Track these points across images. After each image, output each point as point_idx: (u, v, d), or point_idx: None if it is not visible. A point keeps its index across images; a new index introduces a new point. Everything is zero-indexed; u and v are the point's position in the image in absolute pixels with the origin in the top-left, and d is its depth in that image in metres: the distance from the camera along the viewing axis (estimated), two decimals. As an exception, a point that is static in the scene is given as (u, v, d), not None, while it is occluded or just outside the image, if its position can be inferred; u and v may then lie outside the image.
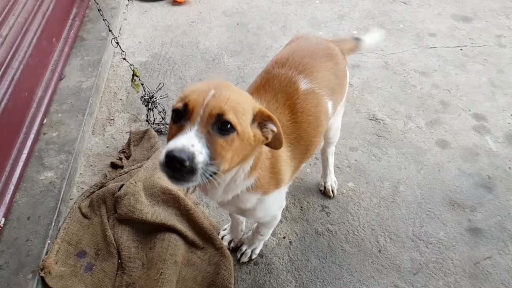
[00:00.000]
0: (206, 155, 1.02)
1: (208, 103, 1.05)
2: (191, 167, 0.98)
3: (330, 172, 2.21)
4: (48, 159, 2.22)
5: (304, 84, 1.49)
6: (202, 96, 1.07)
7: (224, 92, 1.09)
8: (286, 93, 1.46)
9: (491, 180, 2.31)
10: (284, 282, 1.88)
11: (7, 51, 2.23)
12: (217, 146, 1.05)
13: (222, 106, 1.05)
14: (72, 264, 1.86)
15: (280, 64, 1.54)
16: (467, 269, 1.94)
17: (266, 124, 1.18)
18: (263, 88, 1.48)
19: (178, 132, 1.05)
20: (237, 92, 1.14)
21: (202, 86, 1.11)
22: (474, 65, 3.08)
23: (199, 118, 1.04)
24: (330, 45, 1.71)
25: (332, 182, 2.22)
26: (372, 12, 3.68)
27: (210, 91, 1.08)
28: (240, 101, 1.11)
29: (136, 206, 1.94)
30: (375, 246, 2.02)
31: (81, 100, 2.56)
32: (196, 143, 1.00)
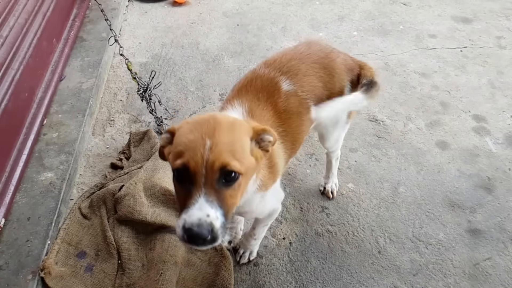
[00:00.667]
0: (221, 216, 1.04)
1: (208, 159, 1.03)
2: (213, 237, 1.01)
3: (333, 175, 2.21)
4: (48, 160, 2.23)
5: (286, 85, 1.50)
6: (199, 152, 1.04)
7: (219, 138, 1.06)
8: (267, 92, 1.47)
9: (491, 181, 2.32)
10: (284, 283, 1.89)
11: (7, 51, 2.24)
12: (227, 199, 1.07)
13: (222, 158, 1.04)
14: (72, 264, 1.87)
15: (266, 65, 1.56)
16: (466, 270, 1.94)
17: (263, 137, 1.19)
18: (245, 88, 1.50)
19: (186, 198, 1.06)
20: (231, 128, 1.11)
21: (195, 137, 1.06)
22: (474, 66, 3.09)
23: (203, 179, 1.04)
24: (331, 56, 1.66)
25: (333, 184, 2.23)
26: (372, 13, 3.69)
27: (205, 143, 1.04)
28: (236, 139, 1.10)
29: (136, 206, 1.95)
30: (375, 247, 2.03)
31: (81, 100, 2.57)
32: (210, 210, 1.02)
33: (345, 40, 3.38)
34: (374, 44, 3.33)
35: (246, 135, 1.14)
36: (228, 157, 1.05)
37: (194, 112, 2.72)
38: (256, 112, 1.43)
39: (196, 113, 2.72)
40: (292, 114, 1.49)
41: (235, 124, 1.15)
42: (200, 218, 1.00)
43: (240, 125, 1.16)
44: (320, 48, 1.68)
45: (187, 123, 1.14)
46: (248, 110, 1.43)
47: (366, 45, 3.32)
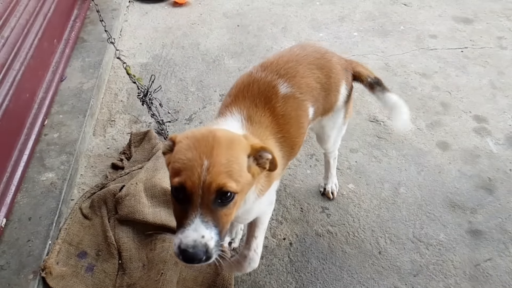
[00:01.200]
0: (216, 235, 1.07)
1: (205, 180, 1.05)
2: (208, 256, 1.06)
3: (332, 175, 2.21)
4: (49, 160, 2.24)
5: (284, 88, 1.49)
6: (196, 173, 1.05)
7: (217, 158, 1.08)
8: (265, 97, 1.47)
9: (491, 182, 2.33)
10: (285, 283, 1.90)
11: (8, 52, 2.25)
12: (222, 218, 1.10)
13: (219, 181, 1.06)
14: (73, 264, 1.88)
15: (262, 68, 1.55)
16: (467, 271, 1.95)
17: (262, 155, 1.20)
18: (242, 93, 1.49)
19: (182, 216, 1.09)
20: (229, 146, 1.12)
21: (193, 156, 1.08)
22: (474, 67, 3.10)
23: (200, 199, 1.06)
24: (327, 56, 1.68)
25: (333, 184, 2.23)
26: (373, 13, 3.70)
27: (203, 163, 1.06)
28: (234, 158, 1.11)
29: (137, 207, 1.96)
30: (375, 247, 2.04)
31: (82, 101, 2.58)
32: (205, 231, 1.05)
33: (346, 40, 3.39)
34: (375, 44, 3.34)
35: (244, 153, 1.15)
36: (225, 178, 1.07)
37: (195, 113, 2.74)
38: (255, 119, 1.43)
39: (196, 114, 2.73)
40: (291, 118, 1.50)
41: (234, 142, 1.15)
42: (195, 239, 1.04)
43: (238, 143, 1.16)
44: (315, 49, 1.69)
45: (186, 138, 1.15)
46: (247, 117, 1.43)
47: (366, 45, 3.33)
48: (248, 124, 1.41)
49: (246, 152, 1.16)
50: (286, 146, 1.51)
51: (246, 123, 1.41)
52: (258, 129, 1.41)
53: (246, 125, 1.41)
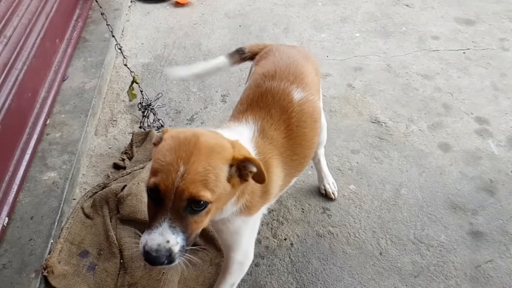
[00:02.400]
0: (182, 240, 1.09)
1: (178, 187, 1.05)
2: (170, 260, 1.08)
3: (326, 174, 2.21)
4: (51, 160, 2.26)
5: (298, 94, 1.51)
6: (171, 178, 1.06)
7: (193, 166, 1.07)
8: (280, 107, 1.47)
9: (493, 183, 2.34)
10: (285, 283, 1.91)
11: (11, 51, 2.28)
12: (191, 225, 1.11)
13: (192, 189, 1.06)
14: (75, 263, 1.90)
15: (269, 77, 1.54)
16: (468, 272, 1.96)
17: (245, 166, 1.18)
18: (257, 104, 1.49)
19: (153, 216, 1.11)
20: (209, 154, 1.11)
21: (171, 159, 1.08)
22: (477, 68, 3.12)
23: (171, 204, 1.07)
24: (298, 46, 1.82)
25: (331, 183, 2.23)
26: (375, 14, 3.72)
27: (179, 169, 1.06)
28: (212, 166, 1.10)
29: (139, 206, 1.98)
30: (376, 248, 2.05)
31: (84, 101, 2.60)
32: (171, 236, 1.07)
33: (347, 41, 3.41)
34: (377, 45, 3.36)
35: (224, 162, 1.13)
36: (198, 187, 1.07)
37: (196, 113, 2.76)
38: (268, 133, 1.42)
39: (198, 114, 2.75)
40: (305, 128, 1.50)
41: (215, 149, 1.13)
42: (159, 243, 1.06)
43: (220, 151, 1.14)
44: (287, 46, 1.78)
45: (171, 138, 1.15)
46: (260, 129, 1.42)
47: (368, 46, 3.35)
48: (259, 137, 1.41)
49: (227, 162, 1.14)
50: (294, 163, 1.50)
51: (257, 135, 1.41)
52: (267, 145, 1.41)
53: (256, 137, 1.40)
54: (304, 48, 1.82)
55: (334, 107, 2.80)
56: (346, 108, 2.80)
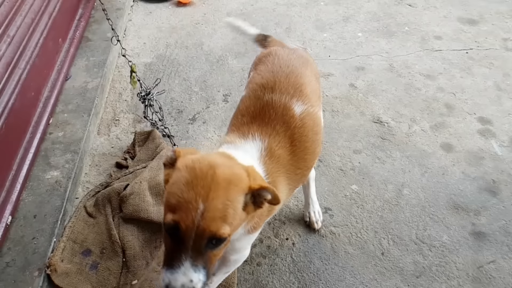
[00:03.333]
0: (204, 276, 1.09)
1: (199, 226, 1.06)
2: None
3: (313, 201, 2.11)
4: (54, 159, 2.28)
5: (298, 108, 1.50)
6: (191, 217, 1.06)
7: (213, 203, 1.07)
8: (284, 122, 1.46)
9: (495, 184, 2.35)
10: (287, 283, 1.93)
11: (14, 51, 2.30)
12: (211, 259, 1.12)
13: (213, 227, 1.07)
14: (78, 262, 1.92)
15: (269, 89, 1.53)
16: (470, 273, 1.97)
17: (260, 194, 1.18)
18: (260, 118, 1.47)
19: (173, 253, 1.10)
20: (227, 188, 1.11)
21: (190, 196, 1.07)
22: (480, 68, 3.12)
23: (192, 242, 1.07)
24: (298, 50, 1.77)
25: (316, 212, 2.12)
26: (377, 14, 3.73)
27: (198, 207, 1.06)
28: (230, 201, 1.10)
29: (142, 205, 2.00)
30: (378, 248, 2.07)
31: (86, 100, 2.62)
32: (194, 275, 1.07)
33: (350, 41, 3.42)
34: (379, 45, 3.37)
35: (241, 193, 1.14)
36: (219, 224, 1.07)
37: (198, 113, 2.77)
38: (275, 152, 1.42)
39: (200, 114, 2.77)
40: (307, 142, 1.50)
41: (232, 182, 1.12)
42: (183, 284, 1.06)
43: (237, 182, 1.14)
44: (287, 51, 1.73)
45: (185, 168, 1.13)
46: (268, 148, 1.41)
47: (370, 46, 3.36)
48: (266, 156, 1.40)
49: (244, 192, 1.14)
50: (297, 176, 1.51)
51: (264, 154, 1.40)
52: (274, 164, 1.41)
53: (264, 156, 1.40)
54: (303, 52, 1.79)
55: (336, 107, 2.81)
56: (348, 108, 2.81)
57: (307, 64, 1.70)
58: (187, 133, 2.63)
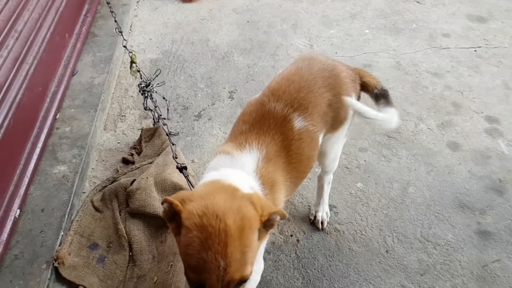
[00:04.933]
0: None
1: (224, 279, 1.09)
2: None
3: (324, 202, 2.16)
4: (61, 153, 2.34)
5: (299, 123, 1.52)
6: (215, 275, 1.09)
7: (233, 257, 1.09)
8: (281, 133, 1.49)
9: (502, 183, 2.38)
10: (291, 278, 1.98)
11: (22, 46, 2.35)
12: None
13: (237, 276, 1.10)
14: (85, 255, 1.98)
15: (275, 97, 1.56)
16: (474, 272, 2.01)
17: (271, 218, 1.21)
18: (259, 125, 1.51)
19: None
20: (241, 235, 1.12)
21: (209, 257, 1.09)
22: (488, 66, 3.14)
23: None
24: (336, 72, 1.68)
25: (324, 213, 2.16)
26: (385, 11, 3.76)
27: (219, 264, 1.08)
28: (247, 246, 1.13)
29: (148, 200, 2.06)
30: (383, 246, 2.11)
31: (93, 96, 2.68)
32: None
33: (357, 38, 3.45)
34: (386, 42, 3.40)
35: (255, 232, 1.17)
36: (242, 272, 1.11)
37: (204, 109, 2.82)
38: (271, 160, 1.46)
39: (205, 110, 2.81)
40: (303, 155, 1.54)
41: (245, 226, 1.14)
42: None
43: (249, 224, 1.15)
44: (322, 66, 1.68)
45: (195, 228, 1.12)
46: (265, 157, 1.45)
47: (378, 43, 3.39)
48: (263, 168, 1.44)
49: (257, 228, 1.17)
50: (292, 185, 1.56)
51: (261, 164, 1.44)
52: (271, 172, 1.45)
53: (260, 168, 1.43)
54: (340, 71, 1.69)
55: (343, 104, 2.85)
56: (354, 105, 2.84)
57: (329, 88, 1.63)
58: (192, 129, 2.68)
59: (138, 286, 1.87)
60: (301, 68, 1.67)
